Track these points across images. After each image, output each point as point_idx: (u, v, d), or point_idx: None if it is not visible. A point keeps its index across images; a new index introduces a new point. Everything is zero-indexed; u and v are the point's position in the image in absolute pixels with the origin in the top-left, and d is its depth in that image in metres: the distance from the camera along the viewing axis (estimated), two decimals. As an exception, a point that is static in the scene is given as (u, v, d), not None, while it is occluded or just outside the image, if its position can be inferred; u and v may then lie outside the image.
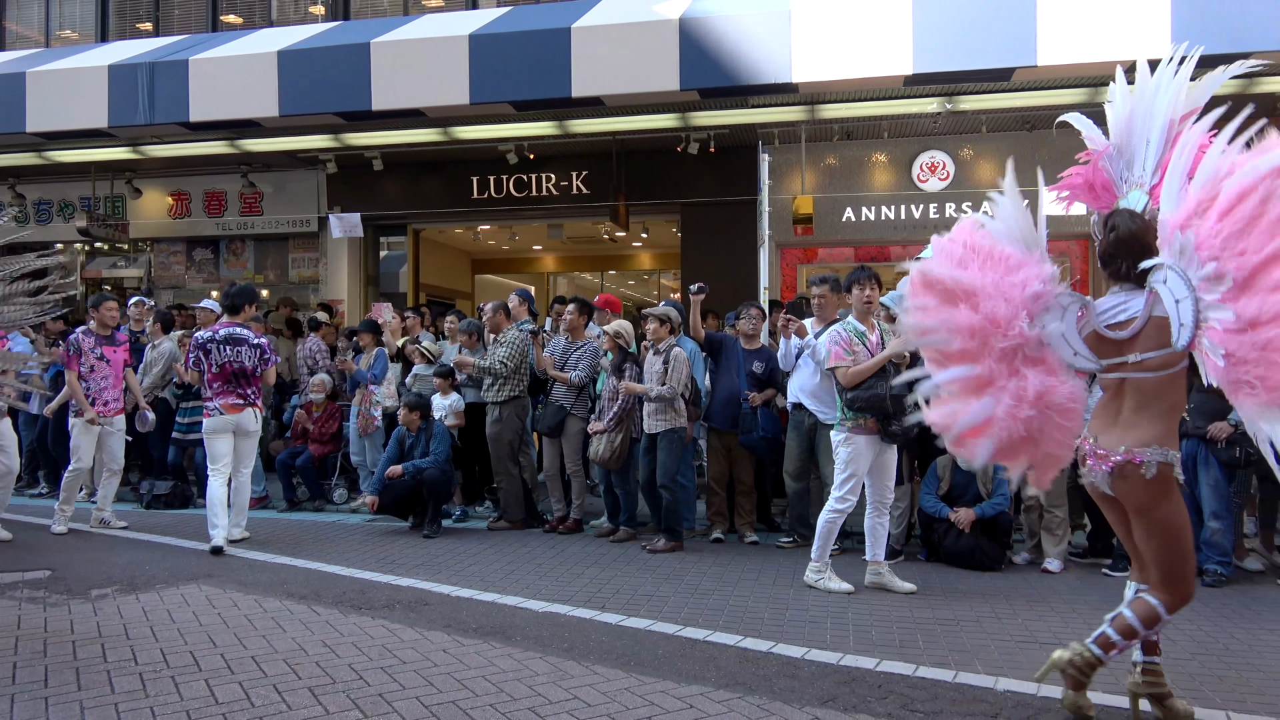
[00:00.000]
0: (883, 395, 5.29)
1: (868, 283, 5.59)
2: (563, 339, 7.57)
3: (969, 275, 3.32)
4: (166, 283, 13.38)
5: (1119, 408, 3.34)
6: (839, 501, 5.39)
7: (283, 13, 12.14)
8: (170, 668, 3.98)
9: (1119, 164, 3.59)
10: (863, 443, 5.37)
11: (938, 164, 10.85)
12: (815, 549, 5.50)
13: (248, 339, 6.66)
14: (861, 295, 5.60)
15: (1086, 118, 3.85)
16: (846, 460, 5.38)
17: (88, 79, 9.11)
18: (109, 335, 7.32)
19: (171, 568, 5.93)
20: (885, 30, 7.38)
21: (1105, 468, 3.28)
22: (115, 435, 7.32)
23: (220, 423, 6.56)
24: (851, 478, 5.38)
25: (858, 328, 5.54)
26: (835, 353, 5.47)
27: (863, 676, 3.95)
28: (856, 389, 5.36)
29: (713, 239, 11.30)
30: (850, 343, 5.46)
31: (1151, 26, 6.93)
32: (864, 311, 5.63)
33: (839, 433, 5.46)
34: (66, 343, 7.26)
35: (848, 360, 5.41)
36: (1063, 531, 6.15)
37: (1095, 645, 3.31)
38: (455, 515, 7.83)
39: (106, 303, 7.36)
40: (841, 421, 5.46)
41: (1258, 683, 3.94)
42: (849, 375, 5.38)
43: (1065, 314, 3.32)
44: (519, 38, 8.13)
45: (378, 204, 12.16)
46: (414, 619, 4.78)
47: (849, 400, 5.39)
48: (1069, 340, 3.31)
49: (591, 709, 3.53)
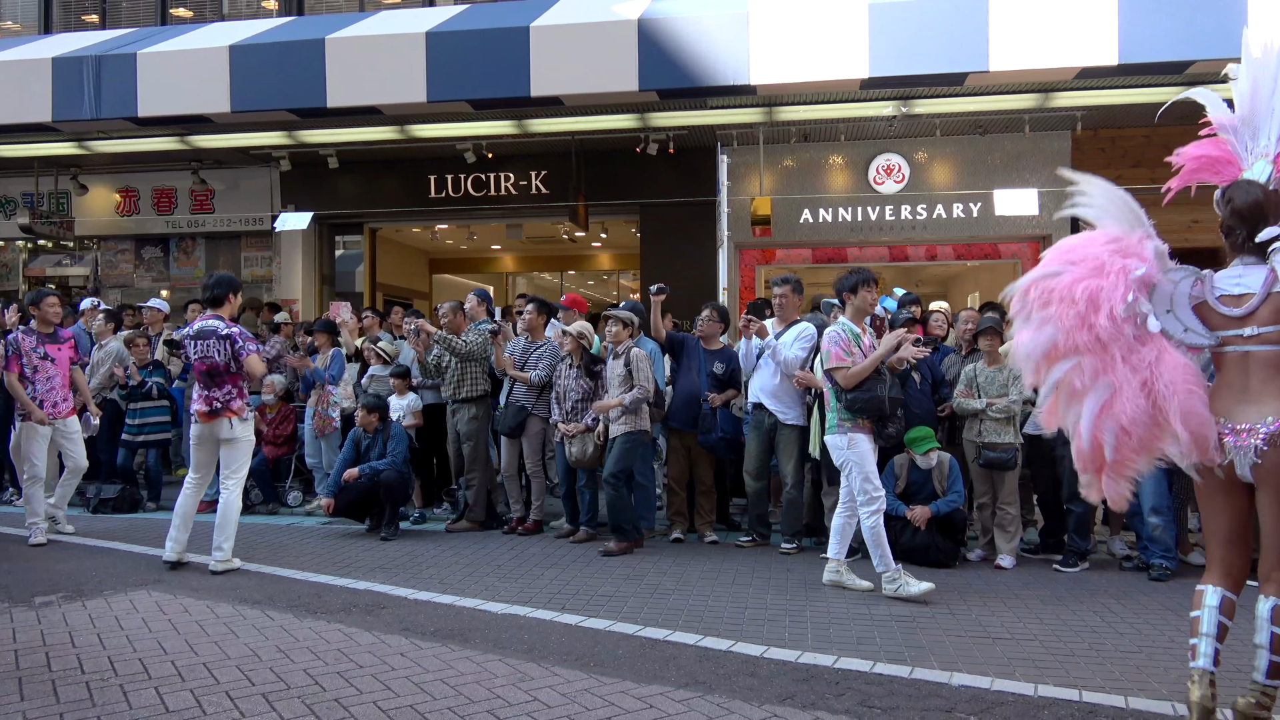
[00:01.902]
0: (881, 397, 5.30)
1: (873, 285, 5.56)
2: (522, 339, 7.54)
3: (1069, 265, 3.21)
4: (114, 282, 13.06)
5: (1244, 383, 3.18)
6: (870, 503, 5.31)
7: (234, 7, 11.92)
8: (118, 676, 3.89)
9: (1244, 136, 3.49)
10: (864, 439, 5.37)
11: (893, 166, 11.00)
12: (876, 560, 5.35)
13: (216, 330, 5.93)
14: (869, 298, 5.57)
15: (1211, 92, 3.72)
16: (858, 460, 5.34)
17: (31, 71, 8.84)
18: (52, 333, 6.99)
19: (120, 574, 5.79)
20: (842, 34, 7.46)
21: (1256, 441, 3.09)
22: (71, 437, 6.99)
23: (194, 430, 6.03)
24: (869, 475, 5.34)
25: (853, 329, 5.50)
26: (835, 354, 5.41)
27: (821, 674, 3.98)
28: (856, 390, 5.34)
29: (672, 240, 11.33)
30: (849, 344, 5.42)
31: (1100, 34, 7.10)
32: (865, 314, 5.62)
33: (840, 436, 5.41)
34: (4, 343, 6.92)
35: (848, 361, 5.38)
36: (1015, 529, 6.27)
37: (1268, 678, 3.18)
38: (413, 517, 7.75)
39: (47, 299, 6.98)
40: (840, 424, 5.42)
41: (1201, 673, 4.03)
42: (849, 376, 5.35)
43: (1176, 289, 3.20)
44: (477, 36, 8.07)
45: (333, 202, 12.00)
46: (371, 622, 4.72)
47: (849, 401, 5.35)
48: (1179, 316, 3.18)
49: (551, 710, 3.52)
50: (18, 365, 6.75)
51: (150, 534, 7.15)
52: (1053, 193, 10.64)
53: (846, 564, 5.57)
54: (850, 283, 5.58)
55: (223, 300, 6.09)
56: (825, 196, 11.12)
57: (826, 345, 5.50)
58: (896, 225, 11.05)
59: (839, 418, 5.45)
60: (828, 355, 5.47)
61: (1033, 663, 4.16)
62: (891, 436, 5.49)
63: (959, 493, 6.17)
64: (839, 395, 5.43)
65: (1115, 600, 5.29)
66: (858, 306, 5.58)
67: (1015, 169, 10.70)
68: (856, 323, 5.57)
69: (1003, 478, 6.25)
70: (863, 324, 5.63)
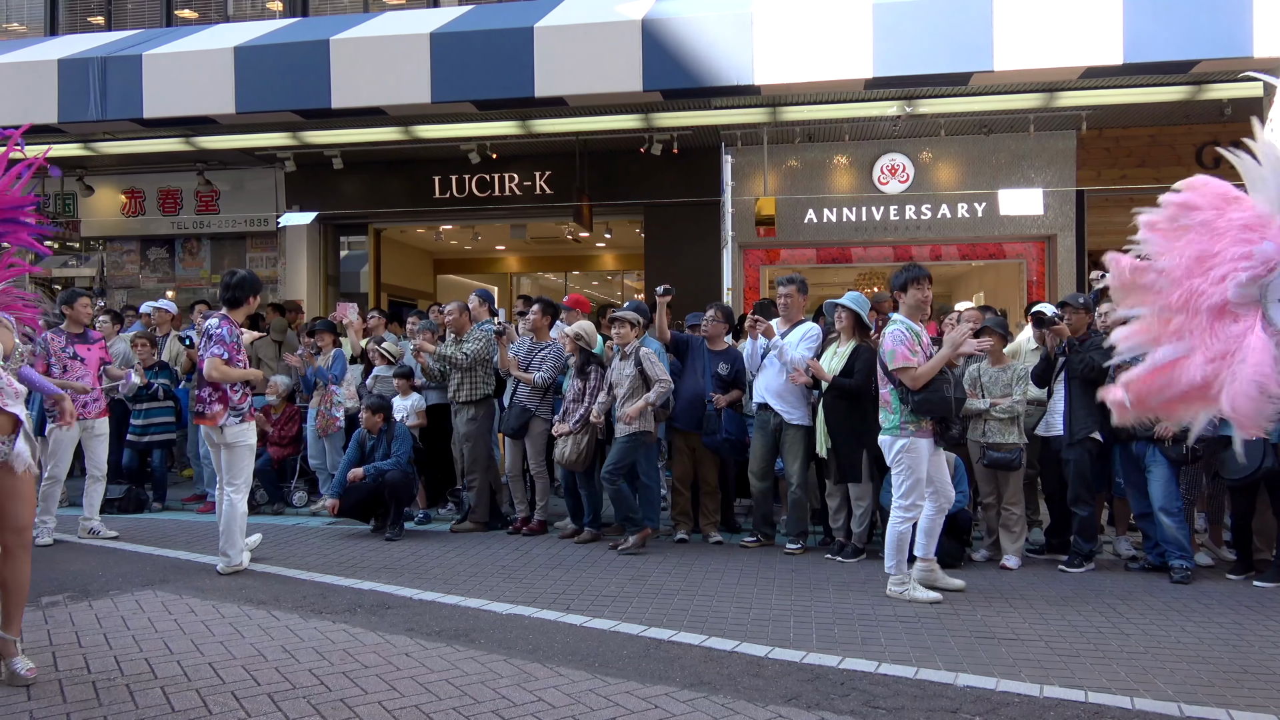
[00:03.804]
0: (949, 398, 5.19)
1: (925, 283, 5.43)
2: (527, 339, 7.54)
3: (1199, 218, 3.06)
4: (119, 282, 13.09)
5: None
6: (907, 510, 5.25)
7: (239, 8, 11.95)
8: (124, 676, 3.90)
9: None
10: (923, 446, 5.25)
11: (898, 166, 10.99)
12: (890, 562, 5.29)
13: (208, 330, 5.79)
14: (920, 295, 5.42)
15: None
16: (910, 466, 5.22)
17: (37, 73, 8.86)
18: (82, 334, 7.01)
19: (125, 574, 5.80)
20: (846, 34, 7.45)
21: None
22: (98, 439, 6.99)
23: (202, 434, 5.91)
24: (917, 484, 5.24)
25: (913, 327, 5.36)
26: (901, 354, 5.21)
27: (826, 674, 3.98)
28: (923, 391, 5.20)
29: (676, 240, 11.33)
30: (913, 343, 5.27)
31: (1105, 33, 7.08)
32: (920, 312, 5.49)
33: (897, 439, 5.28)
34: (33, 343, 6.98)
35: (915, 361, 5.21)
36: (1020, 529, 6.25)
37: None
38: (418, 518, 7.76)
39: (80, 299, 7.02)
40: (901, 426, 5.26)
41: (1207, 675, 4.03)
42: (917, 376, 5.18)
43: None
44: (481, 36, 8.08)
45: (338, 203, 12.02)
46: (376, 623, 4.73)
47: (917, 403, 5.20)
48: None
49: (556, 710, 3.52)
50: (44, 365, 6.70)
51: (156, 534, 7.18)
52: (1057, 192, 10.64)
53: (935, 563, 5.46)
54: (899, 281, 5.45)
55: (241, 302, 5.92)
56: (829, 197, 11.11)
57: (890, 345, 5.30)
58: (901, 225, 11.04)
59: (902, 419, 5.28)
60: (892, 355, 5.27)
61: (1038, 663, 4.15)
62: (954, 438, 5.37)
63: (964, 493, 6.16)
64: (904, 397, 5.25)
65: (1121, 601, 5.28)
66: (911, 304, 5.43)
67: (1020, 169, 10.69)
68: (913, 320, 5.41)
69: (1007, 478, 6.23)
70: (919, 320, 5.48)
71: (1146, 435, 5.81)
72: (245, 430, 5.87)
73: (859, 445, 6.28)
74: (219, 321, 5.85)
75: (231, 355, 5.77)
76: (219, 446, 5.88)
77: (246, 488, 5.97)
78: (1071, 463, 6.07)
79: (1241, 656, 4.31)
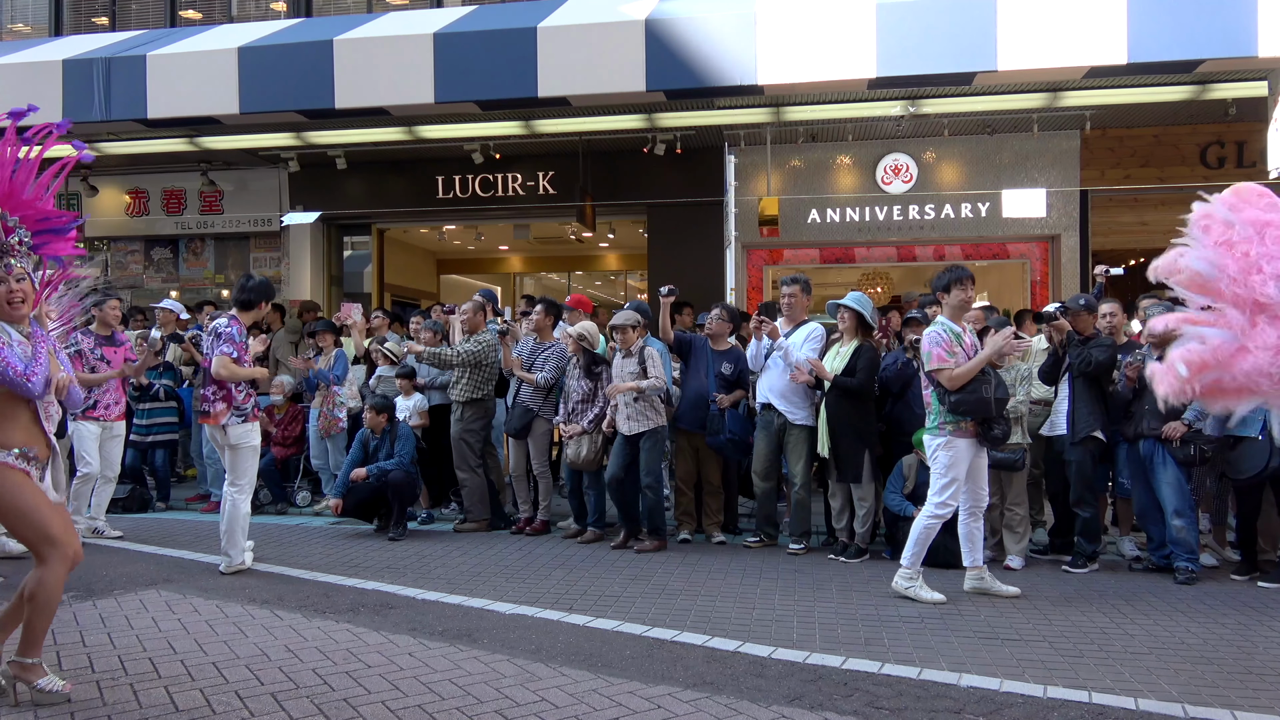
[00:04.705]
0: (987, 398, 5.18)
1: (968, 283, 5.41)
2: (531, 340, 7.54)
3: None
4: (124, 282, 13.10)
5: None
6: (939, 507, 5.24)
7: (243, 8, 11.96)
8: (128, 675, 3.90)
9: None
10: (963, 446, 5.24)
11: (901, 166, 10.98)
12: (908, 555, 5.28)
13: (217, 329, 5.79)
14: (963, 296, 5.41)
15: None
16: (948, 465, 5.22)
17: (42, 74, 8.89)
18: (109, 336, 7.06)
19: (129, 573, 5.81)
20: (849, 33, 7.45)
21: None
22: (115, 441, 7.03)
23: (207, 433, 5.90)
24: (953, 482, 5.22)
25: (954, 328, 5.33)
26: (937, 355, 5.23)
27: (829, 674, 3.98)
28: (960, 392, 5.20)
29: (679, 240, 11.32)
30: (951, 344, 5.27)
31: (1109, 33, 7.07)
32: (963, 312, 5.49)
33: (937, 437, 5.27)
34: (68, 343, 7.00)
35: (951, 363, 5.22)
36: (1024, 529, 6.25)
37: None
38: (421, 518, 7.77)
39: (110, 301, 7.07)
40: (940, 425, 5.27)
41: (1212, 676, 4.02)
42: (954, 378, 5.18)
43: None
44: (484, 37, 8.08)
45: (341, 203, 12.02)
46: (379, 622, 4.73)
47: (954, 404, 5.21)
48: None
49: (559, 710, 3.52)
50: (79, 366, 6.71)
51: (159, 534, 7.19)
52: (1060, 193, 10.62)
53: (988, 570, 5.46)
54: (943, 281, 5.43)
55: (253, 306, 5.91)
56: (833, 196, 11.10)
57: (928, 346, 5.32)
58: (904, 225, 11.03)
59: (940, 420, 5.29)
60: (929, 356, 5.29)
61: (1042, 664, 4.14)
62: (998, 439, 5.35)
63: (967, 494, 6.15)
64: (942, 397, 5.27)
65: (1125, 601, 5.27)
66: (954, 305, 5.42)
67: (1024, 169, 10.67)
68: (955, 321, 5.40)
69: (1011, 478, 6.22)
70: (961, 322, 5.47)
71: (1154, 434, 5.80)
72: (249, 431, 5.86)
73: (861, 445, 6.28)
74: (228, 321, 5.84)
75: (240, 355, 5.77)
76: (224, 447, 5.87)
77: (250, 488, 5.95)
78: (1074, 464, 6.07)
79: (1246, 657, 4.30)
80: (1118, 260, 7.48)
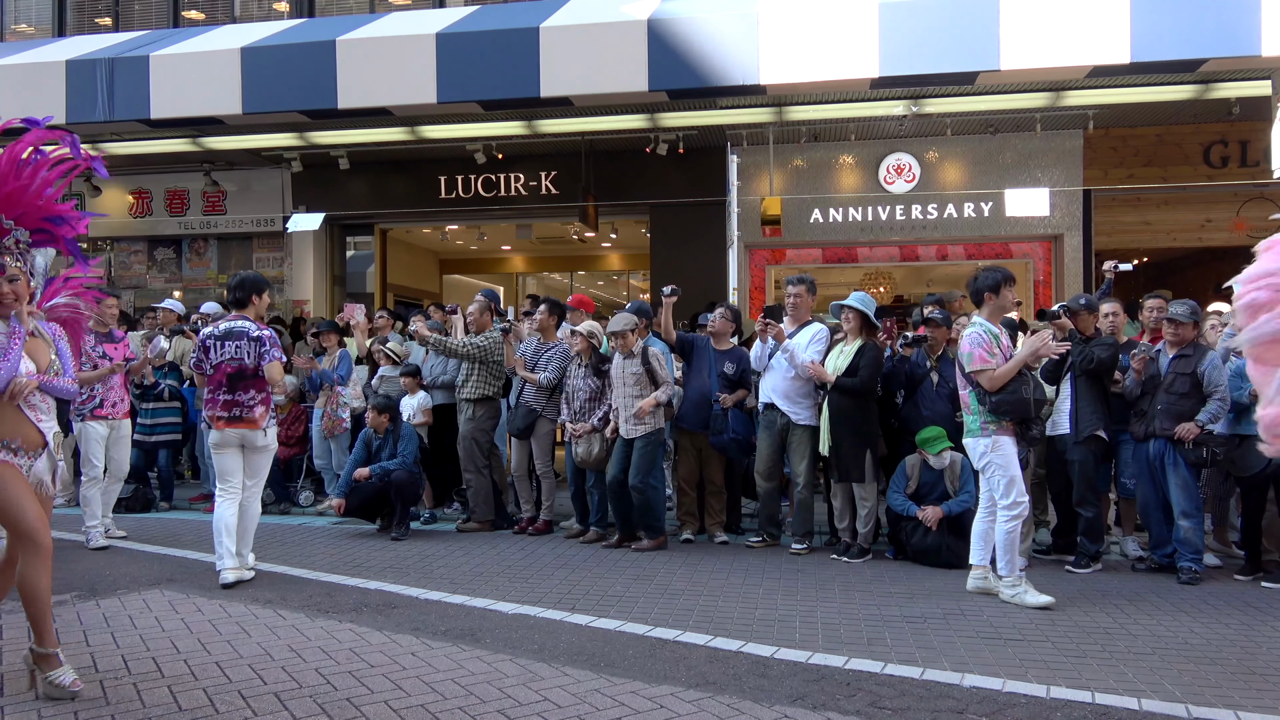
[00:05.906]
0: (1027, 399, 5.19)
1: (1013, 284, 5.42)
2: (534, 339, 7.55)
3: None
4: (127, 282, 13.14)
5: None
6: (1013, 507, 5.21)
7: (246, 9, 11.98)
8: (132, 674, 3.91)
9: None
10: (1009, 442, 5.25)
11: (904, 166, 10.97)
12: (1003, 565, 5.22)
13: (247, 332, 5.69)
14: (1011, 297, 5.45)
15: None
16: (1002, 464, 5.20)
17: (45, 74, 8.91)
18: (108, 333, 7.05)
19: (133, 573, 5.82)
20: (852, 33, 7.44)
21: None
22: (123, 442, 7.00)
23: (219, 437, 5.66)
24: (1014, 480, 5.19)
25: (992, 330, 5.33)
26: (979, 356, 5.24)
27: (832, 674, 3.98)
28: (1000, 392, 5.20)
29: (681, 240, 11.33)
30: (991, 345, 5.28)
31: (1112, 32, 7.06)
32: (1005, 314, 5.48)
33: (981, 439, 5.27)
34: None
35: (992, 363, 5.22)
36: (1027, 529, 6.23)
37: None
38: (424, 517, 7.77)
39: (107, 299, 7.06)
40: (984, 426, 5.26)
41: (1215, 677, 4.02)
42: (994, 379, 5.19)
43: None
44: (487, 37, 8.09)
45: (344, 203, 12.04)
46: (382, 622, 4.74)
47: (994, 404, 5.21)
48: None
49: (561, 710, 3.52)
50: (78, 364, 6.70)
51: (163, 534, 7.20)
52: (1063, 192, 10.61)
53: (992, 570, 5.42)
54: (991, 281, 5.41)
55: (246, 302, 5.86)
56: (835, 196, 11.10)
57: (968, 347, 5.32)
58: (907, 225, 11.03)
59: (982, 420, 5.28)
60: (970, 358, 5.29)
61: (1045, 664, 4.14)
62: (1035, 439, 5.36)
63: (970, 493, 6.13)
64: (982, 398, 5.26)
65: (1128, 601, 5.26)
66: (999, 306, 5.43)
67: (1026, 168, 10.66)
68: (994, 322, 5.40)
69: (1014, 478, 6.21)
70: (999, 323, 5.46)
71: (1166, 434, 5.79)
72: (274, 433, 5.92)
73: (862, 445, 6.27)
74: (254, 326, 5.76)
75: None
76: (239, 449, 5.71)
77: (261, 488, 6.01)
78: (1077, 463, 6.06)
79: (1249, 658, 4.29)
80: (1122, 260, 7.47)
